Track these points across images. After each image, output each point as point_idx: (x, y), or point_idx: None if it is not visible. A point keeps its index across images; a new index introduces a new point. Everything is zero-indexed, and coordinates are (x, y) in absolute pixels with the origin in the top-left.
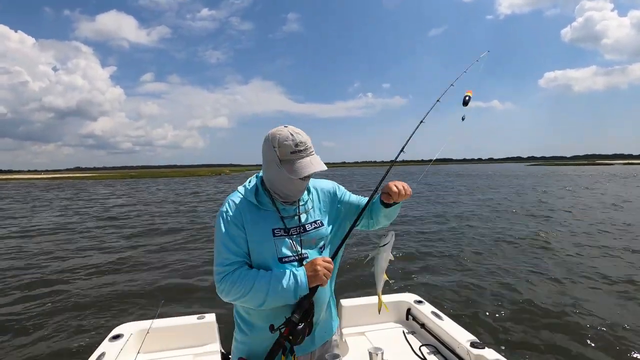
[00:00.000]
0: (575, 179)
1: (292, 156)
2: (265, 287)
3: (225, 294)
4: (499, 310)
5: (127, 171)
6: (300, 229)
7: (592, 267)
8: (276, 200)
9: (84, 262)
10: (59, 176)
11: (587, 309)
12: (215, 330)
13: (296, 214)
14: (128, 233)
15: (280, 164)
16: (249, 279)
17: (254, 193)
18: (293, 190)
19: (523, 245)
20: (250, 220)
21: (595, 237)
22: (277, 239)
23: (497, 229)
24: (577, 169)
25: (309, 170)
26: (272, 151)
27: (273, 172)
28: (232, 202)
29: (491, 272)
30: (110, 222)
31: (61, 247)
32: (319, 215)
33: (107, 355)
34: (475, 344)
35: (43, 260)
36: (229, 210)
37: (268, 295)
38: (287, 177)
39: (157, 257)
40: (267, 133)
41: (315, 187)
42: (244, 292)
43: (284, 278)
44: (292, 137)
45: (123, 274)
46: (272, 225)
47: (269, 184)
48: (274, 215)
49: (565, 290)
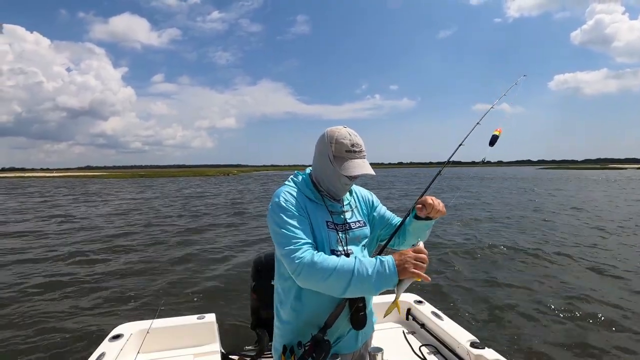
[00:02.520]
0: (599, 182)
1: (346, 154)
2: (350, 270)
3: (304, 275)
4: (499, 310)
5: (136, 170)
6: (346, 226)
7: (596, 264)
8: (324, 196)
9: (83, 261)
10: (69, 174)
11: (588, 310)
12: (215, 330)
13: (343, 211)
14: (129, 233)
15: (333, 159)
16: (332, 260)
17: (306, 186)
18: (339, 187)
19: (524, 246)
20: (309, 209)
21: (603, 237)
22: (329, 231)
23: (497, 229)
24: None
25: (360, 170)
26: (328, 146)
27: (324, 167)
28: (289, 193)
29: (491, 272)
30: (110, 221)
31: (61, 246)
32: (360, 216)
33: (107, 355)
34: (475, 344)
35: (42, 259)
36: (289, 199)
37: (352, 280)
38: (338, 174)
39: (157, 257)
40: (325, 130)
41: (356, 192)
42: (327, 273)
43: (370, 263)
44: (349, 137)
45: (123, 274)
46: (325, 217)
47: (318, 178)
48: (324, 209)
49: (566, 290)
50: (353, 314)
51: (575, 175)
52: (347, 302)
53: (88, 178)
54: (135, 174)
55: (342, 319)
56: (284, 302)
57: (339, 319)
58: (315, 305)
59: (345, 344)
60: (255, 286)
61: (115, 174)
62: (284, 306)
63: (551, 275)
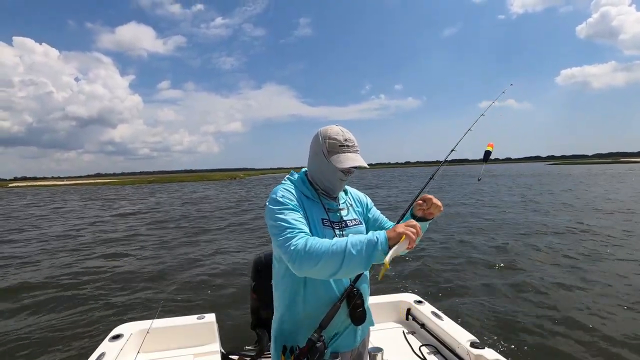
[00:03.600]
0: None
1: (339, 149)
2: (343, 247)
3: (299, 261)
4: (499, 311)
5: (144, 177)
6: (342, 224)
7: (601, 268)
8: (320, 195)
9: (83, 261)
10: (80, 182)
11: (590, 309)
12: (215, 330)
13: (339, 209)
14: (130, 233)
15: (327, 154)
16: (325, 242)
17: (302, 184)
18: (335, 183)
19: (525, 245)
20: (305, 206)
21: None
22: (325, 229)
23: (499, 229)
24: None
25: (353, 163)
26: (322, 143)
27: (320, 164)
28: (286, 190)
29: (491, 272)
30: (114, 223)
31: (61, 246)
32: (356, 215)
33: (107, 355)
34: (475, 344)
35: (42, 260)
36: (286, 194)
37: (345, 257)
38: (332, 168)
39: (157, 256)
40: (318, 129)
41: (351, 192)
42: (320, 255)
43: (360, 238)
44: (342, 133)
45: (123, 274)
46: (320, 215)
47: (314, 176)
48: (320, 206)
49: (567, 290)
50: (351, 309)
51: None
52: (345, 299)
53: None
54: (144, 180)
55: (341, 315)
56: (281, 301)
57: (338, 314)
58: (313, 305)
59: (344, 341)
60: (255, 286)
61: (125, 181)
62: (282, 305)
63: (551, 274)
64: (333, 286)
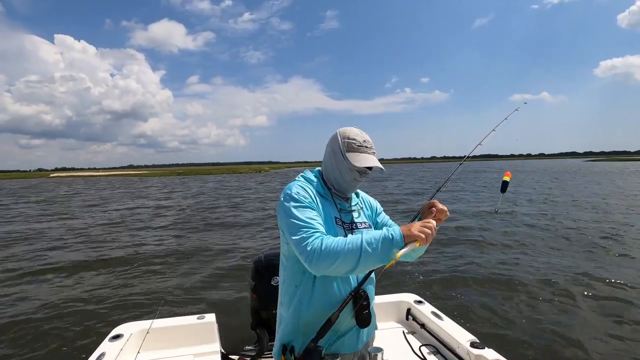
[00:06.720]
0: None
1: (358, 149)
2: (359, 245)
3: (316, 261)
4: (499, 311)
5: (174, 169)
6: (352, 225)
7: (602, 267)
8: (333, 194)
9: (83, 261)
10: (114, 173)
11: (590, 308)
12: (215, 330)
13: (350, 210)
14: (130, 234)
15: (346, 153)
16: (340, 240)
17: (317, 182)
18: (349, 182)
19: (526, 247)
20: (319, 203)
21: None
22: (337, 227)
23: (498, 230)
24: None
25: (371, 163)
26: (341, 142)
27: (336, 162)
28: (300, 187)
29: (491, 272)
30: (116, 223)
31: (62, 247)
32: (366, 218)
33: (107, 355)
34: (475, 344)
35: (42, 259)
36: (300, 191)
37: (361, 256)
38: (349, 167)
39: (157, 256)
40: (337, 130)
41: (362, 196)
42: (337, 254)
43: (375, 235)
44: (360, 134)
45: (123, 274)
46: (333, 213)
47: (329, 175)
48: (333, 205)
49: (567, 291)
50: (357, 311)
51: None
52: (351, 300)
53: (131, 177)
54: (173, 172)
55: (345, 316)
56: (286, 302)
57: (343, 315)
58: (320, 304)
59: (348, 343)
60: (255, 286)
61: (156, 173)
62: (286, 306)
63: (552, 276)
64: (341, 286)
